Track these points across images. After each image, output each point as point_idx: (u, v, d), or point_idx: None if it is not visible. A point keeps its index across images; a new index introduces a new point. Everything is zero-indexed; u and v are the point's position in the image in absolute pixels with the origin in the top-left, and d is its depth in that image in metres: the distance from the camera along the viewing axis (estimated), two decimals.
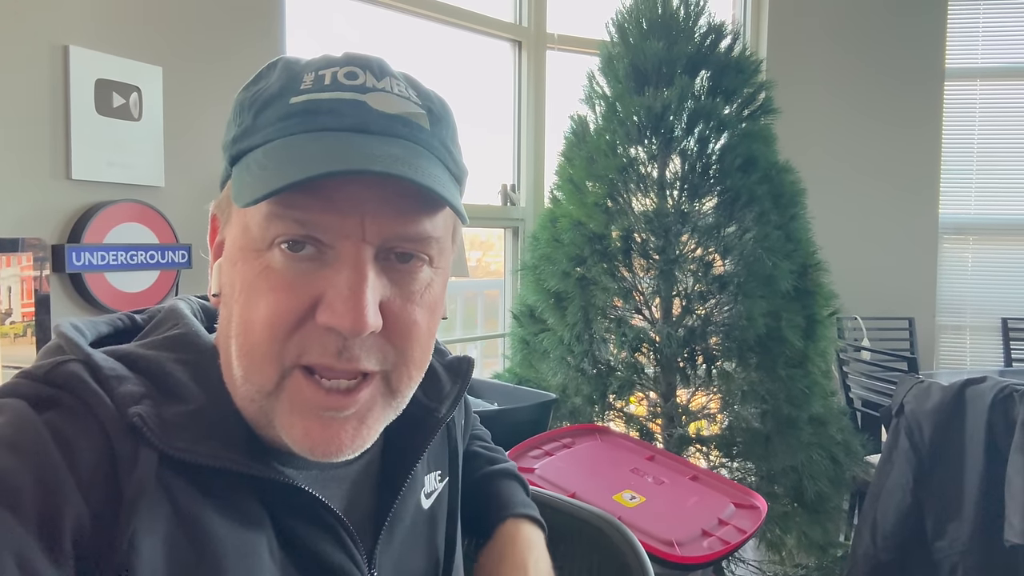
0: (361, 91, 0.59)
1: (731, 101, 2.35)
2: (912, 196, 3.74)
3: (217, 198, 0.65)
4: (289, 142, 0.57)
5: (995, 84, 3.83)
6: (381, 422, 0.62)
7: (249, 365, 0.57)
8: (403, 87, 0.61)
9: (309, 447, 0.58)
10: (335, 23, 2.55)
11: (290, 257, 0.56)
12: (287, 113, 0.58)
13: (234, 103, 0.64)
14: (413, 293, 0.60)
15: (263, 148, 0.58)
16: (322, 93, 0.58)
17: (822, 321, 2.28)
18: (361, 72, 0.60)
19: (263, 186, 0.53)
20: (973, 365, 3.85)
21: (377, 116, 0.58)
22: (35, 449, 0.51)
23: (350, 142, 0.56)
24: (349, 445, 0.59)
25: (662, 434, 2.32)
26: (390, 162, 0.54)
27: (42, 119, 1.71)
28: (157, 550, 0.53)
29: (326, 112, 0.58)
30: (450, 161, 0.63)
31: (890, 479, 2.19)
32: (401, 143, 0.58)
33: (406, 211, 0.57)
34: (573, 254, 2.30)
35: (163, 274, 1.91)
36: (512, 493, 0.91)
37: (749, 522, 1.57)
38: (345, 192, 0.55)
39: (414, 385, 0.63)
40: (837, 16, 3.69)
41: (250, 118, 0.60)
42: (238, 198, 0.56)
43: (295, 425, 0.57)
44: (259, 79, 0.63)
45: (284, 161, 0.55)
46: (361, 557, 0.66)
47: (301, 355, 0.56)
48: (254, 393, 0.58)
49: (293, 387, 0.57)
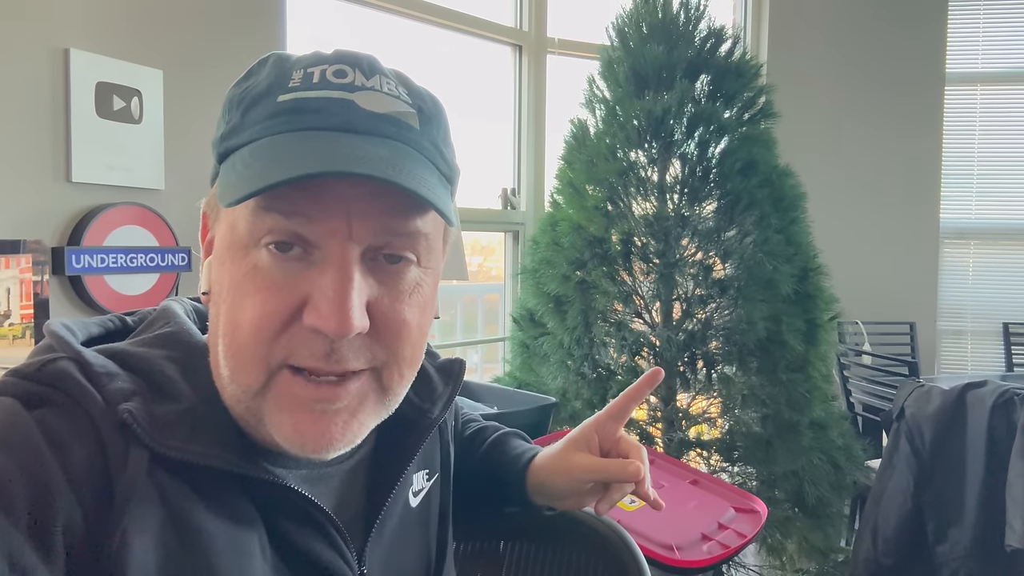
0: (349, 90, 0.58)
1: (731, 105, 2.35)
2: (913, 200, 3.74)
3: (207, 196, 0.64)
4: (275, 141, 0.57)
5: (995, 89, 3.82)
6: (373, 418, 0.61)
7: (236, 366, 0.57)
8: (393, 85, 0.61)
9: (300, 442, 0.57)
10: (335, 27, 2.55)
11: (277, 257, 0.56)
12: (274, 111, 0.58)
13: (225, 99, 0.63)
14: (402, 292, 0.59)
15: (249, 147, 0.58)
16: (310, 92, 0.58)
17: (823, 325, 2.28)
18: (350, 70, 0.59)
19: (246, 186, 0.53)
20: (974, 370, 3.84)
21: (364, 116, 0.58)
22: (25, 447, 0.51)
23: (335, 142, 0.56)
24: (340, 439, 0.58)
25: (662, 438, 2.32)
26: (374, 164, 0.54)
27: (43, 122, 1.72)
28: (148, 548, 0.53)
29: (313, 111, 0.57)
30: (440, 161, 0.62)
31: (891, 483, 2.18)
32: (388, 143, 0.58)
33: (392, 211, 0.57)
34: (573, 258, 2.30)
35: (163, 277, 1.91)
36: (523, 443, 0.96)
37: (749, 526, 1.56)
38: (331, 192, 0.55)
39: (406, 384, 0.63)
40: (837, 20, 3.69)
41: (238, 115, 0.60)
42: (222, 197, 0.56)
43: (284, 422, 0.57)
44: (249, 75, 0.62)
45: (268, 161, 0.55)
46: (351, 555, 0.66)
47: (288, 356, 0.56)
48: (241, 393, 0.58)
49: (281, 385, 0.57)
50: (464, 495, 0.90)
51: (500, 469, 0.92)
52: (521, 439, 0.98)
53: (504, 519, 0.97)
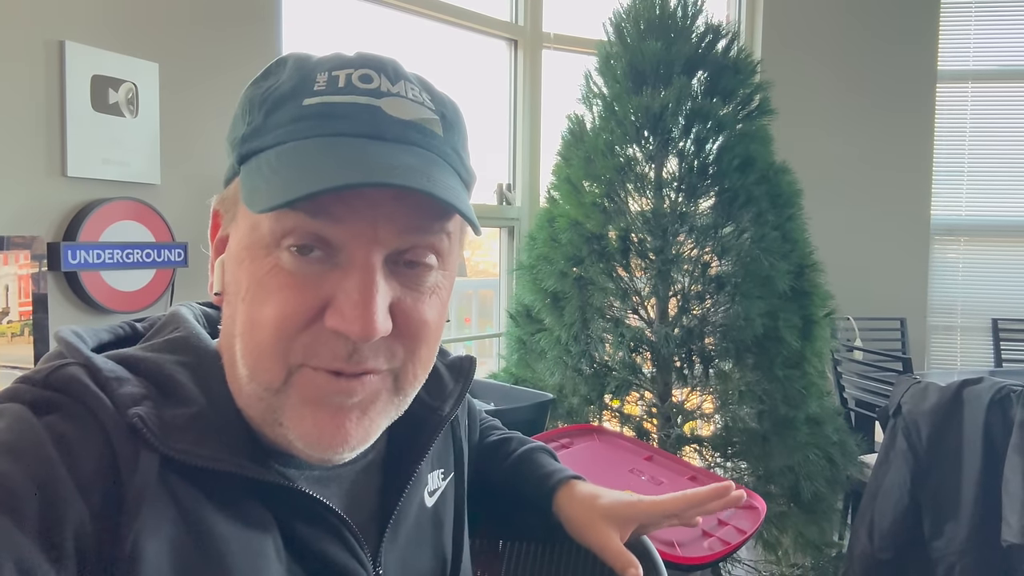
0: (376, 95, 0.58)
1: (728, 102, 2.35)
2: (904, 197, 3.76)
3: (221, 193, 0.64)
4: (301, 146, 0.56)
5: (986, 86, 3.85)
6: (384, 417, 0.61)
7: (255, 364, 0.57)
8: (417, 91, 0.60)
9: (317, 438, 0.57)
10: (331, 20, 2.53)
11: (299, 259, 0.56)
12: (300, 115, 0.57)
13: (242, 99, 0.62)
14: (423, 294, 0.59)
15: (275, 150, 0.57)
16: (336, 96, 0.57)
17: (819, 321, 2.29)
18: (376, 75, 0.59)
19: (279, 193, 0.53)
20: (964, 365, 3.88)
21: (391, 123, 0.58)
22: (35, 453, 0.51)
23: (365, 150, 0.55)
24: (353, 436, 0.58)
25: (658, 434, 2.32)
26: (407, 174, 0.54)
27: (37, 115, 1.69)
28: (162, 552, 0.53)
29: (340, 116, 0.57)
30: (461, 168, 0.62)
31: (887, 479, 2.20)
32: (415, 151, 0.58)
33: (418, 217, 0.57)
34: (570, 254, 2.30)
35: (159, 272, 1.90)
36: (553, 462, 0.95)
37: (748, 523, 1.57)
38: (360, 196, 0.55)
39: (418, 385, 0.63)
40: (830, 18, 3.70)
41: (260, 117, 0.59)
42: (251, 202, 0.55)
43: (305, 417, 0.57)
44: (268, 75, 0.62)
45: (299, 168, 0.54)
46: (366, 557, 0.66)
47: (309, 357, 0.56)
48: (261, 391, 0.57)
49: (302, 381, 0.57)
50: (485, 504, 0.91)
51: (527, 487, 0.92)
52: (549, 455, 0.97)
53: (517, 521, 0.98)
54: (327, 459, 0.60)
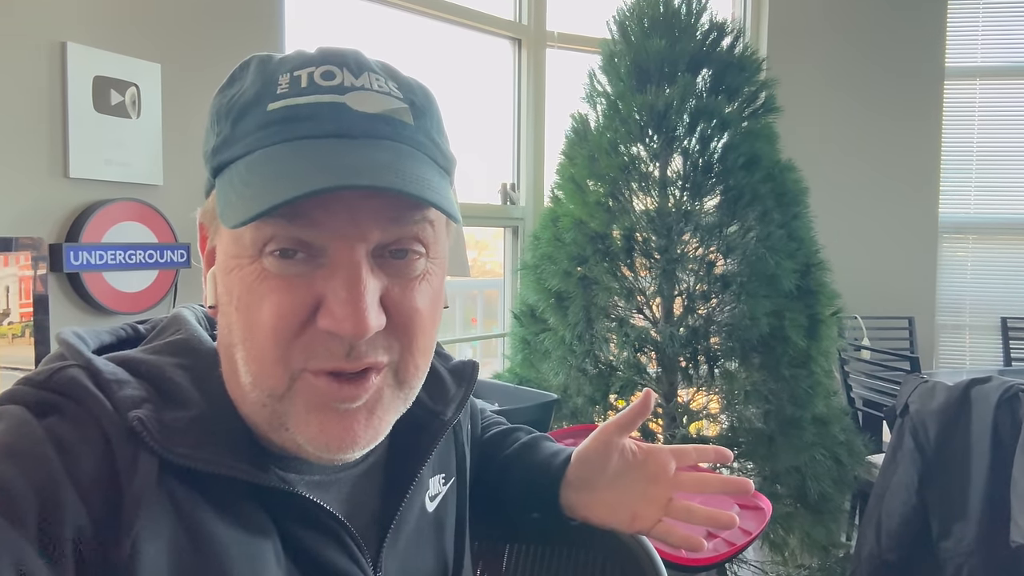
0: (340, 92, 0.57)
1: (733, 99, 2.34)
2: (912, 195, 3.74)
3: (203, 206, 0.63)
4: (270, 154, 0.56)
5: (995, 83, 3.82)
6: (391, 413, 0.61)
7: (258, 370, 0.57)
8: (383, 81, 0.59)
9: (325, 442, 0.57)
10: (333, 20, 2.53)
11: (284, 263, 0.55)
12: (265, 121, 0.57)
13: (210, 110, 0.62)
14: (411, 281, 0.59)
15: (244, 161, 0.57)
16: (299, 98, 0.57)
17: (825, 321, 2.27)
18: (338, 71, 0.58)
19: (250, 206, 0.52)
20: (972, 365, 3.85)
21: (358, 118, 0.57)
22: (34, 456, 0.51)
23: (332, 151, 0.55)
24: (363, 437, 0.58)
25: (663, 434, 2.31)
26: (376, 172, 0.53)
27: (39, 117, 1.69)
28: (161, 555, 0.52)
29: (305, 118, 0.56)
30: (437, 154, 0.61)
31: (895, 479, 2.18)
32: (385, 145, 0.57)
33: (397, 210, 0.57)
34: (575, 253, 2.29)
35: (162, 274, 1.89)
36: (557, 448, 0.95)
37: (754, 523, 1.56)
38: (335, 197, 0.54)
39: (421, 376, 0.63)
40: (837, 15, 3.68)
41: (228, 127, 0.59)
42: (225, 218, 0.55)
43: (311, 423, 0.57)
44: (233, 81, 0.61)
45: (268, 177, 0.54)
46: (366, 562, 0.66)
47: (309, 360, 0.56)
48: (265, 398, 0.57)
49: (305, 386, 0.56)
50: (488, 496, 0.89)
51: (536, 464, 0.91)
52: (554, 443, 0.97)
53: (520, 523, 0.96)
54: (337, 459, 0.59)
